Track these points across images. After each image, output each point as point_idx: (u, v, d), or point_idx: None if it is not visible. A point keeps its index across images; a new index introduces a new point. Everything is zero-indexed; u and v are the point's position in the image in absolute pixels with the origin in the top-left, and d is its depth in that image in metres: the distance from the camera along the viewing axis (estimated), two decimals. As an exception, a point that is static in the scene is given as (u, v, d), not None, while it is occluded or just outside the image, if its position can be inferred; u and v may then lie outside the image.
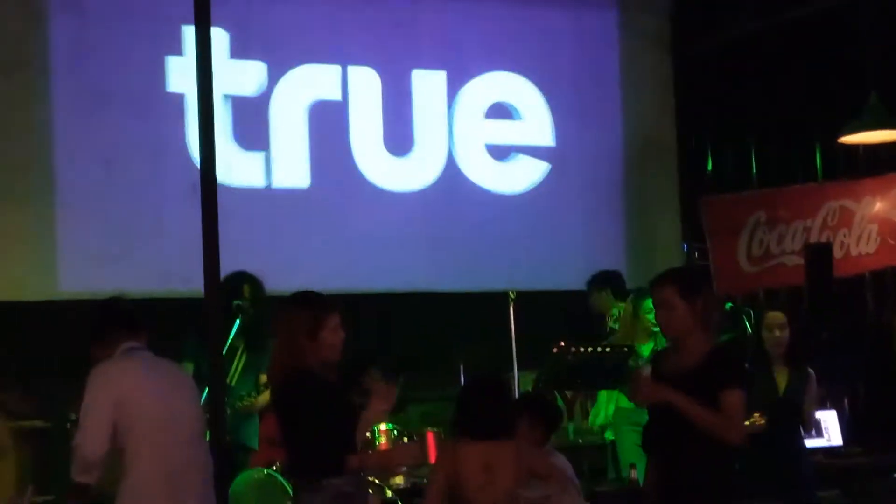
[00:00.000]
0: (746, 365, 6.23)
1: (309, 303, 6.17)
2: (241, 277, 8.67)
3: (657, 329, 9.44)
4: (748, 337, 9.55)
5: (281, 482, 8.12)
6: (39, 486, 8.56)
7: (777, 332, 8.51)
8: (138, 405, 6.11)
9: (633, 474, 6.28)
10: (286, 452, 6.32)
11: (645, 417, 5.95)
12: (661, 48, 12.63)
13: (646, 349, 9.33)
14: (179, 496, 6.10)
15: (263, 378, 8.53)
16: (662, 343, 9.38)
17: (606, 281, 10.51)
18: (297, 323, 6.09)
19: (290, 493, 7.60)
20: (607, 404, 9.79)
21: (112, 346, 6.27)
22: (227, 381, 8.45)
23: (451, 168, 11.74)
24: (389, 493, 8.24)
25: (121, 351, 6.25)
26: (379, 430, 8.47)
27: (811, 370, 8.66)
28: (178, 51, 10.68)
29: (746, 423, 6.52)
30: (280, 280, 10.35)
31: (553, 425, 7.28)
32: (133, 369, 6.24)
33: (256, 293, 8.85)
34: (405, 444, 8.40)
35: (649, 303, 9.58)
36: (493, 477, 6.58)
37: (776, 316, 8.60)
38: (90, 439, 6.05)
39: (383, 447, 8.34)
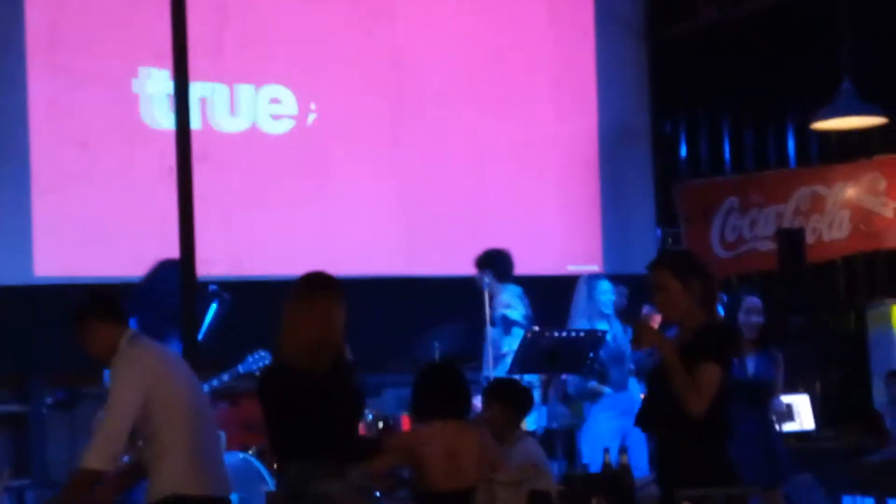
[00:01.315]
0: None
1: (334, 283, 6.09)
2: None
3: (609, 311, 9.54)
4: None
5: (257, 467, 8.15)
6: (16, 469, 8.60)
7: (754, 318, 8.58)
8: (170, 386, 6.16)
9: (607, 458, 6.30)
10: (284, 434, 6.22)
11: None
12: (635, 35, 12.65)
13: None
14: (213, 470, 6.18)
15: None
16: (617, 326, 9.49)
17: (489, 262, 10.00)
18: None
19: (268, 477, 7.64)
20: None
21: (116, 336, 6.24)
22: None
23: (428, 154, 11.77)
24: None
25: (127, 339, 6.25)
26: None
27: (779, 354, 8.73)
28: (153, 34, 10.67)
29: None
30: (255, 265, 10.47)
31: (524, 409, 7.32)
32: (155, 353, 6.29)
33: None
34: None
35: (604, 284, 9.65)
36: (457, 464, 6.63)
37: (754, 302, 8.66)
38: (121, 429, 6.06)
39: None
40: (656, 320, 6.08)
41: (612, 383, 9.49)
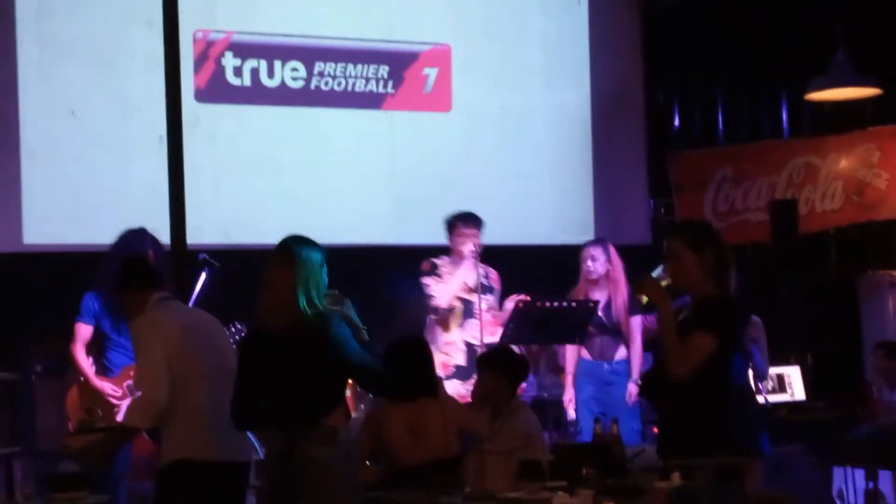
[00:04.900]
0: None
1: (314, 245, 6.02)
2: (146, 233, 8.56)
3: (595, 278, 9.55)
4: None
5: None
6: (4, 437, 8.58)
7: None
8: (186, 347, 6.23)
9: (598, 428, 6.30)
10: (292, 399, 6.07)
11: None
12: (628, 4, 12.60)
13: None
14: (229, 435, 6.16)
15: None
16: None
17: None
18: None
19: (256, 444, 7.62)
20: None
21: (144, 298, 6.34)
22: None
23: (419, 123, 11.73)
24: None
25: (154, 301, 6.34)
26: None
27: (756, 318, 8.69)
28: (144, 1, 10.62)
29: None
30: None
31: (518, 379, 7.30)
32: (176, 315, 6.37)
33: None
34: None
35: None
36: (418, 438, 6.65)
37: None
38: (156, 386, 6.15)
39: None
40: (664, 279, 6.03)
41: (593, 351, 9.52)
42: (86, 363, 8.35)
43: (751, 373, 9.42)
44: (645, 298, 5.94)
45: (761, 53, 12.58)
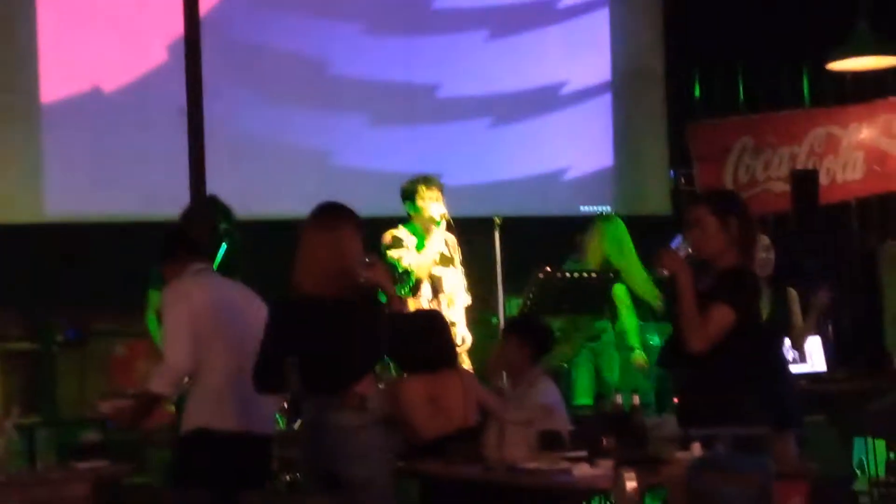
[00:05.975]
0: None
1: (352, 212, 6.00)
2: (216, 202, 8.60)
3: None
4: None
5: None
6: (26, 407, 8.61)
7: (763, 254, 8.51)
8: (213, 318, 6.29)
9: (619, 399, 6.30)
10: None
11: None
12: (649, -26, 12.57)
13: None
14: (248, 407, 6.21)
15: None
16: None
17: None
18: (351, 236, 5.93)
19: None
20: None
21: (182, 268, 6.45)
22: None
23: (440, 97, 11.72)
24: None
25: (191, 271, 6.44)
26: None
27: (793, 290, 8.67)
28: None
29: None
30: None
31: (542, 348, 7.26)
32: (207, 285, 6.45)
33: (232, 218, 8.86)
34: None
35: (618, 228, 9.63)
36: (437, 409, 6.66)
37: (761, 238, 8.60)
38: (180, 353, 6.23)
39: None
40: (682, 249, 6.02)
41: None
42: (156, 330, 8.36)
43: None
44: (665, 272, 5.93)
45: (782, 23, 12.51)
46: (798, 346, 8.81)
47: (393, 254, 9.03)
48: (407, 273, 9.02)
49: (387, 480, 5.88)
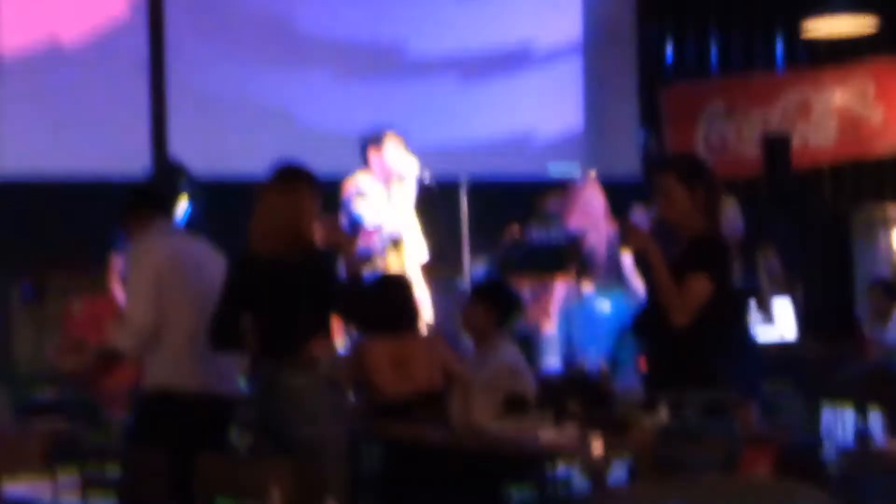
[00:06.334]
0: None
1: (308, 174, 5.98)
2: (177, 164, 8.52)
3: None
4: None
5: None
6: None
7: (730, 219, 8.46)
8: (178, 276, 6.22)
9: (583, 363, 6.25)
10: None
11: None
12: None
13: None
14: (210, 367, 6.15)
15: None
16: None
17: None
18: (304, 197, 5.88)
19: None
20: None
21: (147, 224, 6.36)
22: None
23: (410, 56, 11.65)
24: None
25: (156, 228, 6.36)
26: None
27: (762, 255, 8.64)
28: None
29: None
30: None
31: (508, 312, 7.23)
32: (171, 243, 6.40)
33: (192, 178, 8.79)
34: None
35: None
36: (402, 371, 6.64)
37: (727, 202, 8.54)
38: (141, 309, 6.17)
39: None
40: (640, 220, 5.97)
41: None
42: (121, 293, 8.32)
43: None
44: (630, 248, 5.88)
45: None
46: (765, 308, 8.78)
47: (359, 204, 8.86)
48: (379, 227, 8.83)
49: (339, 441, 5.84)
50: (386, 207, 8.89)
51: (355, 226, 8.65)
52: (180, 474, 5.16)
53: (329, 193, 6.26)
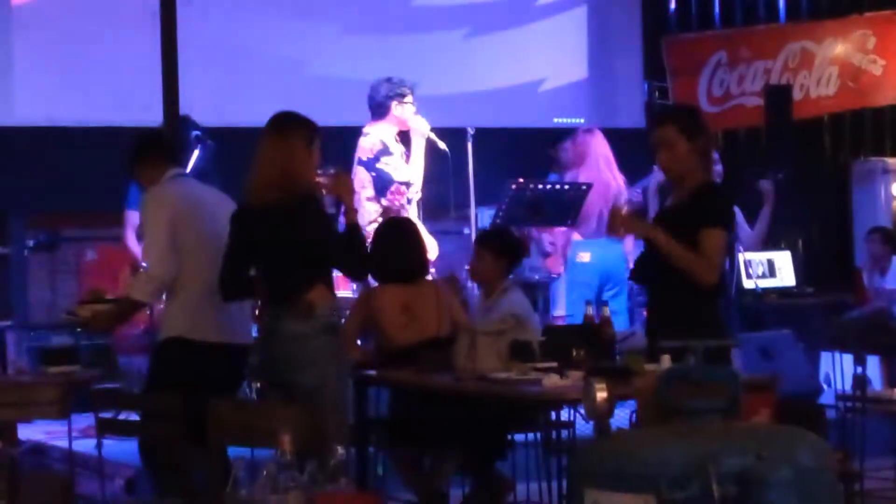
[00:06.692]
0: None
1: (304, 121, 5.98)
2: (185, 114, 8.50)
3: None
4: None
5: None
6: (-1, 311, 8.61)
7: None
8: (191, 225, 6.26)
9: (589, 310, 6.32)
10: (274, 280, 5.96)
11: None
12: None
13: None
14: (226, 317, 6.23)
15: None
16: None
17: None
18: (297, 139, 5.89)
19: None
20: None
21: (159, 173, 6.38)
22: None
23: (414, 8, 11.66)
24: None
25: (168, 176, 6.37)
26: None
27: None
28: None
29: None
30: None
31: (514, 260, 7.30)
32: (184, 192, 6.40)
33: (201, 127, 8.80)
34: None
35: None
36: (412, 316, 6.69)
37: None
38: (160, 260, 6.22)
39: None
40: (627, 205, 6.04)
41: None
42: (137, 249, 8.32)
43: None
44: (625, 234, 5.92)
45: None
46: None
47: (382, 159, 8.62)
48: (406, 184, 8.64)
49: (338, 387, 5.90)
50: (408, 164, 8.71)
51: (385, 183, 8.55)
52: (197, 419, 5.20)
53: (337, 142, 6.27)
